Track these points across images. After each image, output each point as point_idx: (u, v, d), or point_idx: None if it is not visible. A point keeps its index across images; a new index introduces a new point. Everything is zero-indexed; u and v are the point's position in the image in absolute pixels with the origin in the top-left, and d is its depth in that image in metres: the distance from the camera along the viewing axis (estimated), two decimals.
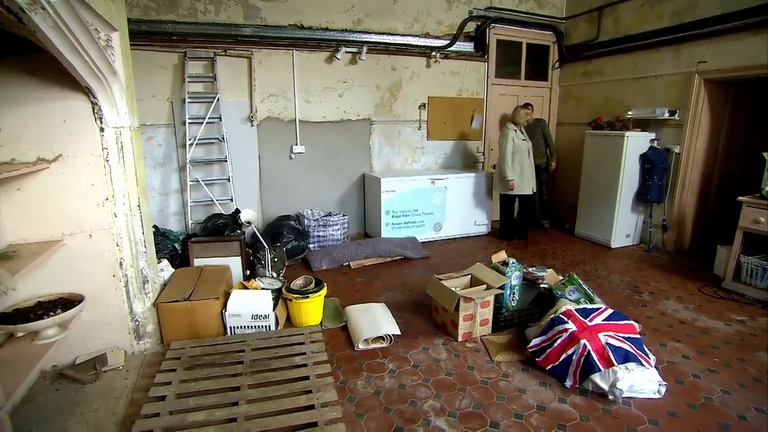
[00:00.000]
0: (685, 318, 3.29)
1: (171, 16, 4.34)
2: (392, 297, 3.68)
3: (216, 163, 4.75)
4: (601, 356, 2.32)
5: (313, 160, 5.17)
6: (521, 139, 4.90)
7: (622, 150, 4.75)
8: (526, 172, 4.92)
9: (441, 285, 3.02)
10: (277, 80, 4.87)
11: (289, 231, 4.57)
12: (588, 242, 5.26)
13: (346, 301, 3.56)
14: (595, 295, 3.10)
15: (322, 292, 3.17)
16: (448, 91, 5.64)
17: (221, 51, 4.58)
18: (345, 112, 5.20)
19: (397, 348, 2.85)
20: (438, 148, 5.77)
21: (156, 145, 4.55)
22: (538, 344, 2.60)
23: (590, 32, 5.71)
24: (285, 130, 5.01)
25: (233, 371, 2.51)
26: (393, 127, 5.47)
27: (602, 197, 5.04)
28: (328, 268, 4.34)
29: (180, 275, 3.34)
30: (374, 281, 4.04)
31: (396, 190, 4.89)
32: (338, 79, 5.10)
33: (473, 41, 5.59)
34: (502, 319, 3.05)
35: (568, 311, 2.60)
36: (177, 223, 4.76)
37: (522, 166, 4.88)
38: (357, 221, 5.52)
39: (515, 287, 3.15)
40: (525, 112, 5.05)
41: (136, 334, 2.78)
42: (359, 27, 5.06)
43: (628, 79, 5.29)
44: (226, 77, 4.67)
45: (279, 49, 4.81)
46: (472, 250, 4.98)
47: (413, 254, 4.63)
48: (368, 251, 4.50)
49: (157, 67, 4.41)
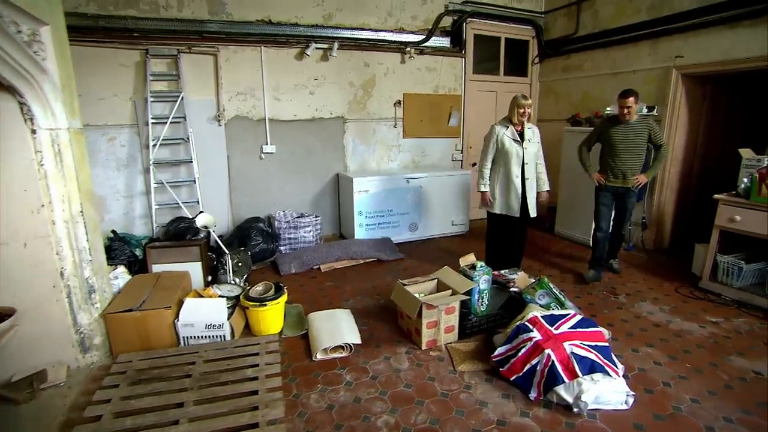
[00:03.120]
0: (659, 321, 3.19)
1: (131, 11, 4.16)
2: (360, 302, 3.55)
3: (182, 165, 4.57)
4: (565, 367, 2.20)
5: (285, 160, 5.02)
6: (512, 140, 3.59)
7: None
8: (512, 186, 3.64)
9: (404, 291, 2.89)
10: (245, 78, 4.71)
11: (257, 233, 4.42)
12: (568, 241, 5.16)
13: (312, 306, 3.43)
14: (566, 299, 2.99)
15: (282, 300, 3.02)
16: (424, 87, 5.50)
17: (185, 48, 4.41)
18: (317, 110, 5.05)
19: (357, 357, 2.72)
20: (415, 146, 5.63)
21: (119, 146, 4.37)
22: (502, 353, 2.49)
23: (569, 27, 5.60)
24: (254, 130, 4.85)
25: (180, 386, 2.37)
26: (367, 125, 5.32)
27: (581, 195, 4.93)
28: (297, 272, 4.20)
29: (135, 283, 3.18)
30: (344, 285, 3.90)
31: (369, 190, 4.75)
32: (309, 76, 4.94)
33: (450, 36, 5.46)
34: (469, 326, 2.93)
35: (534, 318, 2.49)
36: (144, 227, 4.59)
37: (508, 177, 3.63)
38: (331, 222, 5.38)
39: (484, 291, 3.03)
40: (522, 106, 3.55)
41: (82, 348, 2.62)
42: (330, 22, 4.91)
43: (607, 74, 5.19)
44: (191, 75, 4.49)
45: (246, 46, 4.65)
46: (449, 250, 4.86)
47: (387, 256, 4.50)
48: (339, 253, 4.36)
49: (118, 65, 4.22)
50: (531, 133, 3.66)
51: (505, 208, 3.70)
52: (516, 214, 3.66)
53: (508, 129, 3.63)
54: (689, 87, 4.47)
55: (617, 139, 3.73)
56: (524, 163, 3.61)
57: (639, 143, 3.69)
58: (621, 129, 3.72)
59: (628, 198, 3.86)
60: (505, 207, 3.70)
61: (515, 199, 3.64)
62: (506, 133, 3.61)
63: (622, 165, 3.75)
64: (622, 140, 3.71)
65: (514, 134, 3.61)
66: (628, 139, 3.70)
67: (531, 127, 3.69)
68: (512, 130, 3.62)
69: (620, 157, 3.75)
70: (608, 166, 3.84)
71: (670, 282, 3.91)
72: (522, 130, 3.63)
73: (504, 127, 3.65)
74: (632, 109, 3.62)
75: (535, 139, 3.68)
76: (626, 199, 3.87)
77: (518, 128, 3.63)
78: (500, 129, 3.64)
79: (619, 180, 3.81)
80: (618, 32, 4.94)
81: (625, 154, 3.73)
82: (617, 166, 3.78)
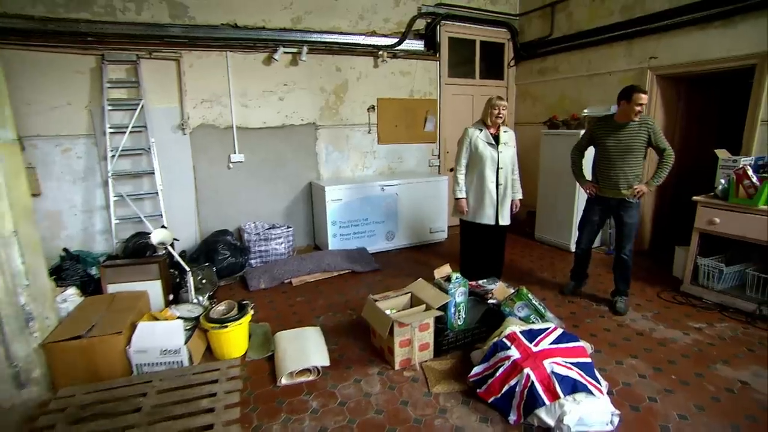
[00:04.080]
0: (642, 329, 3.08)
1: (84, 14, 3.91)
2: (332, 318, 3.36)
3: (145, 176, 4.32)
4: (546, 388, 2.05)
5: (254, 169, 4.81)
6: (486, 143, 3.41)
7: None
8: (486, 192, 3.46)
9: (375, 307, 2.71)
10: (210, 84, 4.49)
11: (224, 247, 4.19)
12: (547, 246, 5.06)
13: (281, 324, 3.22)
14: (546, 311, 2.85)
15: (245, 320, 2.82)
16: (398, 92, 5.36)
17: (145, 53, 4.17)
18: (287, 116, 4.86)
19: (325, 381, 2.53)
20: (390, 152, 5.47)
21: (75, 157, 4.10)
22: (479, 373, 2.32)
23: (544, 29, 5.54)
24: (221, 138, 4.63)
25: (126, 423, 2.14)
26: (340, 131, 5.15)
27: (560, 199, 4.84)
28: (267, 287, 3.99)
29: (87, 306, 2.93)
30: (315, 300, 3.71)
31: (342, 199, 4.57)
32: (278, 81, 4.75)
33: (424, 39, 5.34)
34: (445, 342, 2.76)
35: (512, 334, 2.33)
36: (105, 243, 4.32)
37: (482, 183, 3.44)
38: (306, 232, 5.18)
39: (460, 304, 2.87)
40: (496, 106, 3.38)
41: (17, 383, 2.37)
42: (299, 26, 4.73)
43: (583, 76, 5.14)
44: (152, 82, 4.25)
45: (211, 51, 4.44)
46: (428, 259, 4.71)
47: (362, 267, 4.32)
48: (311, 266, 4.17)
49: (72, 72, 3.96)
50: (507, 136, 3.53)
51: (479, 215, 3.52)
52: (491, 221, 3.50)
53: (483, 132, 3.47)
54: (664, 88, 4.43)
55: (609, 143, 3.23)
56: (499, 167, 3.46)
57: (634, 147, 3.15)
58: (614, 131, 3.21)
59: (625, 211, 3.27)
60: (479, 215, 3.52)
61: (490, 205, 3.49)
62: (480, 136, 3.46)
63: (615, 173, 3.22)
64: (615, 144, 3.21)
65: (489, 137, 3.46)
66: (621, 143, 3.18)
67: (507, 130, 3.56)
68: (487, 133, 3.46)
69: (612, 164, 3.23)
70: (599, 174, 3.35)
71: (652, 286, 3.82)
72: (497, 133, 3.50)
73: (478, 129, 3.49)
74: (643, 107, 3.10)
75: (511, 143, 3.54)
76: (622, 213, 3.28)
77: (493, 131, 3.49)
78: (474, 132, 3.48)
79: (612, 190, 3.28)
80: (592, 33, 4.89)
81: (618, 160, 3.20)
82: (609, 174, 3.26)
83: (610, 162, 3.25)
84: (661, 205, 4.80)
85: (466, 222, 3.62)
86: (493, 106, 3.40)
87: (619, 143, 3.20)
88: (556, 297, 3.64)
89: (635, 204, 3.27)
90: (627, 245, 3.31)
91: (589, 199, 3.49)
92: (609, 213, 3.42)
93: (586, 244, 3.56)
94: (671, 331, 3.04)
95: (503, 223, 3.55)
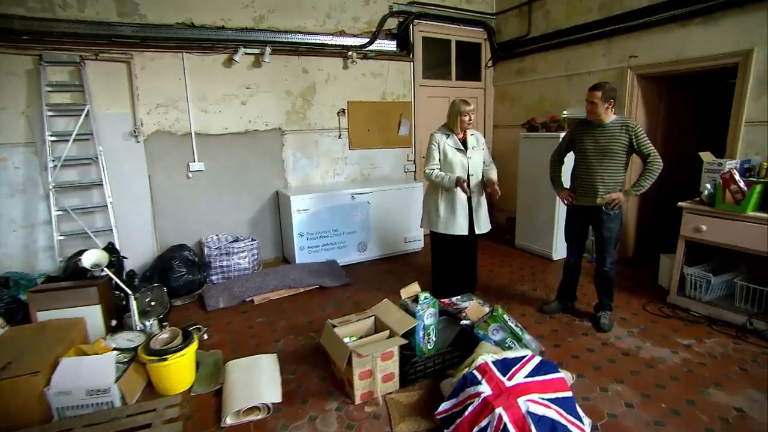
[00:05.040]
0: (628, 347, 2.84)
1: (18, 9, 3.56)
2: (292, 342, 3.06)
3: (94, 188, 3.97)
4: (520, 430, 1.78)
5: (216, 178, 4.48)
6: (455, 149, 3.18)
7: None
8: (458, 202, 3.21)
9: (333, 334, 2.42)
10: (165, 88, 4.16)
11: (181, 264, 3.86)
12: (528, 254, 4.83)
13: (236, 350, 2.93)
14: (524, 332, 2.60)
15: (189, 350, 2.51)
16: (370, 94, 5.09)
17: (91, 54, 3.83)
18: (250, 122, 4.55)
19: (276, 419, 2.23)
20: (363, 158, 5.20)
21: (12, 168, 3.73)
22: (448, 409, 2.05)
23: (521, 28, 5.34)
24: (179, 145, 4.30)
25: None
26: (309, 136, 4.85)
27: (541, 205, 4.62)
28: (227, 306, 3.67)
29: (8, 338, 2.60)
30: (277, 321, 3.40)
31: (310, 209, 4.27)
32: (240, 84, 4.44)
33: (396, 39, 5.08)
34: (413, 371, 2.48)
35: (483, 366, 2.07)
36: (49, 261, 3.95)
37: (452, 191, 3.21)
38: (273, 244, 4.86)
39: (430, 327, 2.60)
40: (465, 113, 3.15)
41: None
42: (262, 25, 4.43)
43: (562, 76, 4.94)
44: (100, 86, 3.91)
45: (166, 52, 4.11)
46: (403, 271, 4.43)
47: (331, 282, 4.03)
48: (276, 282, 3.86)
49: (5, 74, 3.60)
50: (474, 140, 3.28)
51: (451, 226, 3.25)
52: (463, 231, 3.24)
53: (450, 138, 3.22)
54: (645, 88, 4.25)
55: (587, 144, 2.96)
56: (470, 174, 3.21)
57: (613, 150, 2.86)
58: (591, 133, 2.95)
59: (603, 222, 2.98)
60: (451, 225, 3.25)
61: (462, 215, 3.23)
62: (448, 142, 3.21)
63: (591, 178, 2.95)
64: (593, 146, 2.94)
65: (457, 143, 3.21)
66: (598, 145, 2.91)
67: (474, 133, 3.32)
68: (454, 138, 3.22)
69: (590, 168, 2.96)
70: (577, 179, 3.10)
71: (637, 297, 3.61)
72: (464, 138, 3.25)
73: (444, 135, 3.24)
74: (596, 106, 2.83)
75: (479, 146, 3.29)
76: (599, 224, 3.00)
77: (460, 136, 3.25)
78: (441, 137, 3.23)
79: (588, 198, 3.00)
80: (571, 32, 4.69)
81: (595, 164, 2.92)
82: (586, 179, 2.99)
83: (588, 166, 2.98)
84: (644, 210, 4.61)
85: (437, 234, 3.34)
86: (462, 113, 3.14)
87: (596, 145, 2.92)
88: (536, 313, 3.39)
89: (614, 214, 2.97)
90: (608, 258, 3.04)
91: (569, 207, 3.24)
92: (588, 223, 3.17)
93: (574, 258, 3.27)
94: (659, 349, 2.81)
95: (480, 231, 3.30)
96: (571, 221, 3.23)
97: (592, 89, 2.88)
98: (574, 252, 3.26)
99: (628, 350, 2.81)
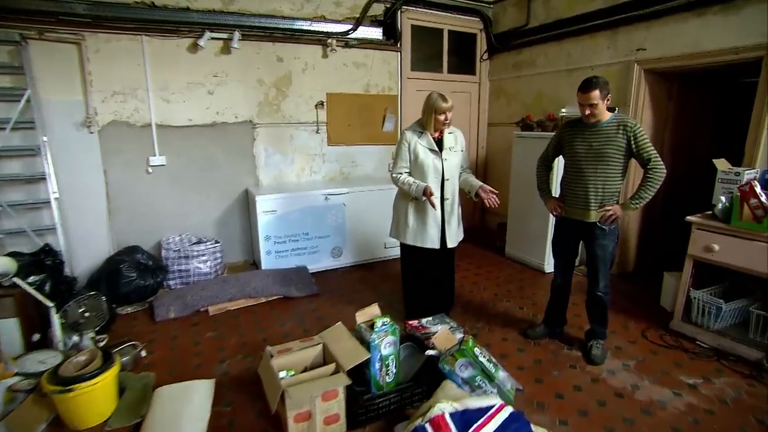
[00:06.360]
0: (623, 386, 2.44)
1: None
2: (239, 364, 2.69)
3: (40, 182, 3.60)
4: None
5: (179, 174, 4.10)
6: (428, 149, 2.76)
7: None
8: (429, 210, 2.78)
9: (268, 367, 2.04)
10: (122, 74, 3.78)
11: (130, 268, 3.50)
12: (519, 265, 4.42)
13: (173, 372, 2.58)
14: (498, 370, 2.20)
15: (105, 377, 2.13)
16: (351, 86, 4.68)
17: (34, 33, 3.45)
18: (218, 113, 4.16)
19: None
20: (343, 155, 4.79)
21: None
22: None
23: (520, 18, 4.91)
24: (138, 138, 3.92)
25: None
26: (283, 130, 4.45)
27: (534, 212, 4.20)
28: (178, 316, 3.30)
29: None
30: (229, 336, 3.03)
31: (277, 210, 3.89)
32: (207, 72, 4.05)
33: (382, 27, 4.66)
34: (363, 412, 2.10)
35: (437, 420, 1.68)
36: None
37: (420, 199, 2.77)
38: (242, 246, 4.48)
39: (388, 358, 2.21)
40: (442, 111, 2.69)
41: None
42: (231, 7, 4.03)
43: (562, 71, 4.51)
44: (46, 69, 3.53)
45: (123, 34, 3.72)
46: (379, 279, 4.04)
47: (297, 291, 3.64)
48: (234, 291, 3.48)
49: None
50: (453, 139, 2.86)
51: (421, 238, 2.83)
52: (435, 244, 2.83)
53: (423, 137, 2.79)
54: (653, 84, 3.81)
55: (578, 147, 2.53)
56: (444, 179, 2.79)
57: (608, 154, 2.44)
58: (583, 134, 2.52)
59: (595, 239, 2.55)
60: (420, 236, 2.83)
61: (433, 225, 2.82)
62: (421, 141, 2.79)
63: (583, 186, 2.53)
64: (584, 149, 2.50)
65: (431, 143, 2.78)
66: (591, 148, 2.48)
67: (453, 131, 2.90)
68: (428, 138, 2.79)
69: (581, 174, 2.53)
70: (566, 188, 2.67)
71: (636, 321, 3.20)
72: (441, 137, 2.84)
73: (417, 134, 2.81)
74: (597, 107, 2.39)
75: (458, 147, 2.87)
76: (591, 240, 2.58)
77: (436, 135, 2.83)
78: (413, 136, 2.80)
79: (579, 210, 2.59)
80: (573, 22, 4.26)
81: (587, 170, 2.50)
82: (576, 188, 2.57)
83: (579, 173, 2.55)
84: (648, 220, 4.18)
85: (407, 246, 2.92)
86: (438, 110, 2.69)
87: (589, 148, 2.49)
88: (518, 337, 2.98)
89: (608, 230, 2.54)
90: (601, 281, 2.61)
91: (558, 219, 2.82)
92: (579, 239, 2.74)
93: (562, 277, 2.84)
94: (658, 389, 2.40)
95: (451, 245, 2.89)
96: (560, 235, 2.80)
97: (586, 90, 2.38)
98: (563, 271, 2.83)
99: (622, 390, 2.40)
